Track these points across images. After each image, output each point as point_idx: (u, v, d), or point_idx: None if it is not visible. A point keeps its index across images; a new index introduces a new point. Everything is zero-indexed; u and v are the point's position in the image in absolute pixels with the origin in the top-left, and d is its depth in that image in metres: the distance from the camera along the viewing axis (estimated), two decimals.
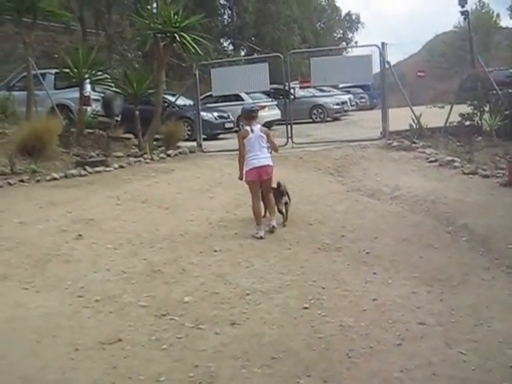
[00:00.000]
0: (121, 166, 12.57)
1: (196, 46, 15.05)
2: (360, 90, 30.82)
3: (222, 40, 38.82)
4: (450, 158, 11.21)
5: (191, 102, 19.77)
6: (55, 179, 11.00)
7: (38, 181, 10.81)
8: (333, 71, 14.99)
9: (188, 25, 15.17)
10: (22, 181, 10.68)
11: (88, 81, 15.52)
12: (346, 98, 27.66)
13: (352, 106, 29.23)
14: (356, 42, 54.09)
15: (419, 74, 28.31)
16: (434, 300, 5.12)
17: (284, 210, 7.78)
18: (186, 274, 5.84)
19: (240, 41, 37.09)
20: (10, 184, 10.37)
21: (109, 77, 16.11)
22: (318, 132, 17.86)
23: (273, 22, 37.40)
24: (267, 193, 7.75)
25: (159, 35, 15.07)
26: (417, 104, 16.95)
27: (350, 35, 55.59)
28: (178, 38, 14.65)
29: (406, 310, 4.85)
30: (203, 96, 17.99)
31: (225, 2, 39.40)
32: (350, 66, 14.95)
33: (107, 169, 12.21)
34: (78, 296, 5.28)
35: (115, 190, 9.89)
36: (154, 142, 15.59)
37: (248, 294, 5.25)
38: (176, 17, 14.76)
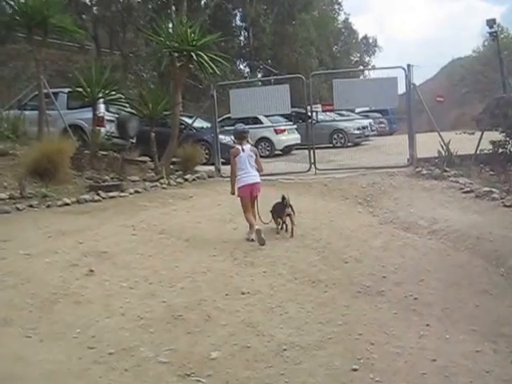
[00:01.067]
0: (136, 192, 11.95)
1: (214, 66, 14.47)
2: (378, 115, 30.09)
3: (237, 62, 38.36)
4: (487, 189, 10.42)
5: (208, 125, 19.21)
6: (67, 204, 10.41)
7: (48, 206, 10.20)
8: (356, 94, 14.35)
9: (205, 43, 14.63)
10: (31, 206, 10.08)
11: (102, 101, 14.98)
12: (366, 122, 26.90)
13: (372, 130, 28.50)
14: (373, 66, 53.64)
15: (438, 99, 27.67)
16: (503, 362, 4.37)
17: (288, 221, 8.37)
18: (212, 321, 5.10)
19: (257, 62, 36.56)
20: (18, 209, 9.76)
21: (123, 97, 15.56)
22: (340, 157, 17.14)
23: (290, 44, 36.93)
24: (252, 207, 8.47)
25: (175, 54, 14.52)
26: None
27: (366, 59, 55.21)
28: (194, 57, 14.08)
29: (473, 376, 4.10)
30: (221, 118, 17.36)
31: (241, 24, 39.05)
32: (375, 88, 14.29)
33: (122, 194, 11.59)
34: (89, 347, 4.56)
35: (130, 218, 9.24)
36: (171, 166, 14.96)
37: (285, 350, 4.51)
38: (193, 35, 14.21)
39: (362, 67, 50.98)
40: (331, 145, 24.11)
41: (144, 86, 20.96)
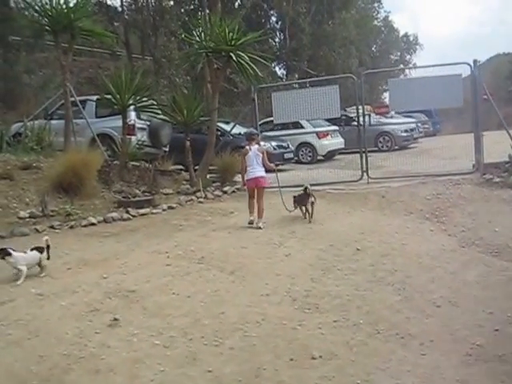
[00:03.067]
0: (170, 207, 10.68)
1: (255, 67, 13.14)
2: (422, 116, 28.41)
3: (273, 64, 37.01)
4: None
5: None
6: (92, 224, 9.25)
7: (71, 227, 9.03)
8: (415, 94, 12.83)
9: (245, 43, 13.29)
10: (52, 227, 8.93)
11: (132, 108, 13.76)
12: (413, 124, 25.22)
13: (420, 132, 26.81)
14: (415, 64, 51.61)
15: (484, 96, 25.90)
16: None
17: (310, 209, 9.38)
18: None
19: (296, 62, 35.07)
20: (37, 231, 8.67)
21: (155, 103, 14.31)
22: (389, 163, 15.61)
23: (329, 44, 35.41)
24: (259, 198, 9.60)
25: (212, 55, 13.23)
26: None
27: (407, 57, 53.23)
28: (234, 58, 12.75)
29: None
30: (259, 123, 15.99)
31: (276, 25, 37.69)
32: (436, 87, 12.71)
33: (154, 211, 10.34)
34: None
35: (164, 241, 7.93)
36: (208, 176, 13.66)
37: None
38: (231, 34, 12.89)
39: (408, 66, 49.24)
40: (376, 148, 22.56)
41: (177, 91, 19.68)
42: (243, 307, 5.35)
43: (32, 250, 6.43)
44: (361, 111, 13.68)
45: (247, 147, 9.86)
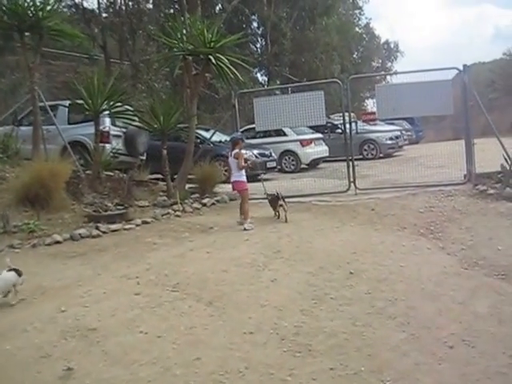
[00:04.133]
0: (144, 222, 9.85)
1: (235, 71, 12.37)
2: (405, 123, 27.82)
3: (254, 70, 36.26)
4: None
5: (227, 138, 17.12)
6: (57, 242, 8.37)
7: (33, 245, 8.17)
8: (404, 100, 12.15)
9: (225, 45, 12.53)
10: (11, 246, 8.03)
11: (107, 114, 12.91)
12: (398, 131, 24.61)
13: (405, 140, 26.20)
14: (396, 71, 51.14)
15: (470, 103, 25.37)
16: None
17: (280, 211, 9.90)
18: None
19: (278, 68, 34.31)
20: None
21: (130, 109, 13.48)
22: (375, 172, 14.95)
23: (311, 50, 34.73)
24: (242, 201, 10.09)
25: (190, 58, 12.45)
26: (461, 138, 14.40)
27: (388, 64, 52.75)
28: (213, 61, 11.97)
29: None
30: (240, 130, 15.22)
31: (257, 30, 37.00)
32: (425, 93, 12.04)
33: (127, 226, 9.50)
34: None
35: (135, 263, 7.12)
36: (187, 186, 12.84)
37: None
38: (210, 36, 12.11)
39: (387, 71, 48.72)
40: (361, 156, 21.90)
41: (155, 97, 18.86)
42: (223, 350, 4.53)
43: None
44: (347, 118, 12.95)
45: (229, 152, 10.27)
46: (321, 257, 7.20)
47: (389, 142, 23.17)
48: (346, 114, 13.01)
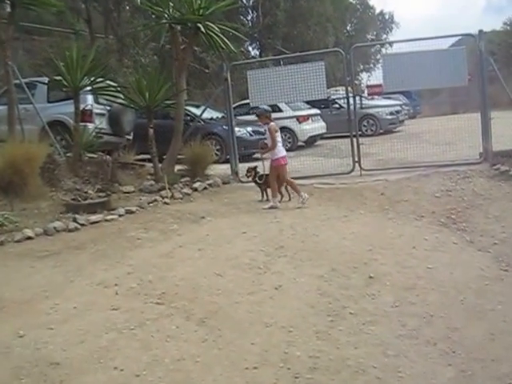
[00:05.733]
0: (129, 211, 8.78)
1: (227, 41, 11.26)
2: (402, 97, 26.68)
3: (245, 44, 34.93)
4: None
5: (219, 115, 16.04)
6: (29, 238, 7.26)
7: (1, 243, 7.05)
8: (414, 71, 11.05)
9: (215, 11, 11.39)
10: None
11: (89, 91, 11.82)
12: (398, 106, 23.49)
13: (405, 115, 25.08)
14: (391, 45, 49.59)
15: (468, 77, 24.28)
16: None
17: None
18: None
19: (271, 40, 32.97)
20: None
21: (113, 84, 12.34)
22: (377, 149, 13.83)
23: (304, 21, 33.36)
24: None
25: (178, 27, 11.31)
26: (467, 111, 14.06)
27: (383, 36, 51.13)
28: (202, 30, 10.82)
29: None
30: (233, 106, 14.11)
31: (248, 3, 35.58)
32: (438, 63, 10.96)
33: (108, 217, 8.42)
34: None
35: (114, 265, 6.08)
36: (176, 169, 11.76)
37: None
38: (199, 2, 10.95)
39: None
40: (360, 132, 20.75)
41: (142, 72, 17.69)
42: None
43: None
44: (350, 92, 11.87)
45: (273, 123, 9.40)
46: (331, 255, 6.17)
47: (389, 117, 22.08)
48: (350, 88, 11.93)
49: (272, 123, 9.32)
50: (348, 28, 46.63)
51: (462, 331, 4.28)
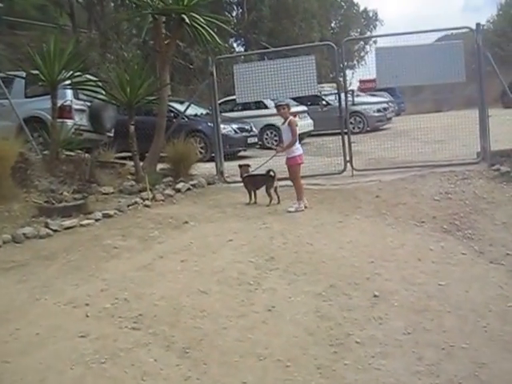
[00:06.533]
0: (106, 215, 8.14)
1: (213, 33, 10.64)
2: (386, 94, 26.11)
3: (231, 40, 34.31)
4: None
5: (203, 111, 15.39)
6: None
7: None
8: (408, 66, 10.47)
9: (200, 2, 10.75)
10: None
11: (68, 86, 11.19)
12: (386, 103, 22.92)
13: (392, 112, 24.52)
14: (375, 42, 49.08)
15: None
16: None
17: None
18: None
19: (256, 35, 32.31)
20: None
21: (93, 79, 11.69)
22: (366, 147, 13.19)
23: (290, 18, 32.80)
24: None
25: (162, 18, 10.68)
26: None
27: (367, 34, 50.47)
28: (187, 21, 10.17)
29: None
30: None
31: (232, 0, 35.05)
32: (434, 57, 10.39)
33: (84, 222, 7.80)
34: None
35: (87, 279, 5.45)
36: (159, 166, 11.12)
37: None
38: None
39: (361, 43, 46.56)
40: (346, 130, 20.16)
41: (123, 66, 16.97)
42: None
43: None
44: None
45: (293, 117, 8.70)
46: (329, 268, 5.57)
47: (376, 114, 21.53)
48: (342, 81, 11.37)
49: (292, 117, 8.64)
50: (332, 25, 46.00)
51: (491, 367, 3.64)
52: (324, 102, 19.88)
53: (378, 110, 21.72)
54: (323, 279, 5.23)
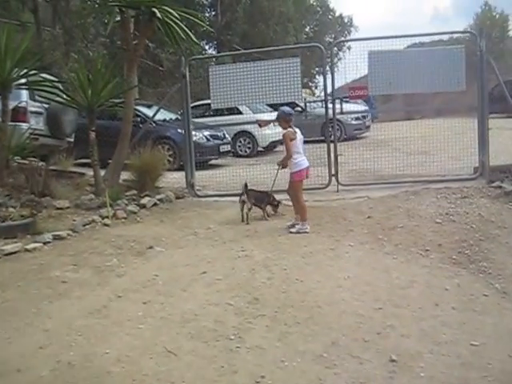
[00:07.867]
0: (57, 237, 6.98)
1: (187, 30, 9.56)
2: (360, 101, 25.25)
3: (202, 43, 33.20)
4: None
5: (172, 116, 14.31)
6: None
7: None
8: (404, 72, 9.53)
9: None
10: None
11: (24, 86, 10.04)
12: (365, 112, 21.99)
13: (370, 120, 23.61)
14: (349, 48, 48.39)
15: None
16: None
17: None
18: None
19: (231, 36, 31.25)
20: None
21: (50, 78, 10.51)
22: (346, 158, 12.10)
23: (265, 21, 31.90)
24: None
25: (131, 12, 9.56)
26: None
27: (342, 39, 49.90)
28: (158, 15, 9.07)
29: None
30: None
31: (206, 1, 34.02)
32: (432, 63, 9.48)
33: (30, 246, 6.60)
34: None
35: (23, 330, 4.29)
36: (123, 177, 9.99)
37: None
38: None
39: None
40: (323, 138, 19.14)
41: (87, 66, 15.79)
42: None
43: None
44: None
45: (291, 130, 7.68)
46: (327, 316, 4.47)
47: (354, 122, 20.64)
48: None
49: (289, 129, 7.69)
50: (307, 29, 45.26)
51: None
52: (299, 109, 18.89)
53: (357, 118, 20.84)
54: (322, 332, 4.14)
